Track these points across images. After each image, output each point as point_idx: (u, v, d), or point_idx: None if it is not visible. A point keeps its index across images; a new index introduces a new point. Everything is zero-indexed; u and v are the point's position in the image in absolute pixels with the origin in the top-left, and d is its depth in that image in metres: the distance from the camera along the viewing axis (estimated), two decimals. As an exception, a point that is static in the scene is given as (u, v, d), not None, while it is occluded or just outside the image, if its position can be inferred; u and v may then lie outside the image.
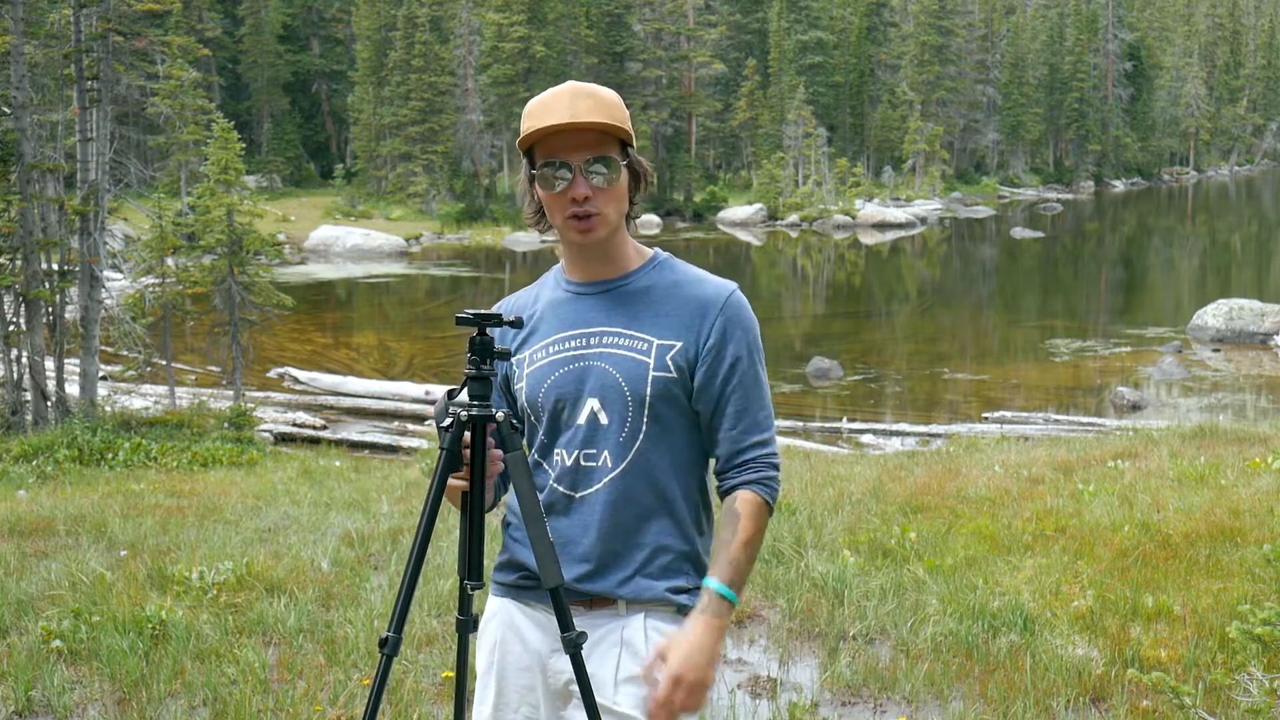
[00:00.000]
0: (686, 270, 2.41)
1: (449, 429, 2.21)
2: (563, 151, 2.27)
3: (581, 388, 2.33)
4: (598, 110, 2.25)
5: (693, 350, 2.33)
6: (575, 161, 2.26)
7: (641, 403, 2.31)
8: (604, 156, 2.26)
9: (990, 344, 28.62)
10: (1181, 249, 51.07)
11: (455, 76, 58.19)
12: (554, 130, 2.25)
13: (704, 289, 2.36)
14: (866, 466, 10.36)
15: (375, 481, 10.77)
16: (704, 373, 2.33)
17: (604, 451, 2.32)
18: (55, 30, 18.66)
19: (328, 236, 47.43)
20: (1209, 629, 4.93)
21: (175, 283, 21.27)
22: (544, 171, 2.28)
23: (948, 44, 72.47)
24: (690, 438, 2.38)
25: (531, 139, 2.29)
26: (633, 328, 2.34)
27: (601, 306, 2.37)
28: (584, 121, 2.23)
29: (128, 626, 5.06)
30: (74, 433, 14.76)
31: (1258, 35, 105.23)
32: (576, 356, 2.34)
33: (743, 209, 59.57)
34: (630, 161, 2.32)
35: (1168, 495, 7.64)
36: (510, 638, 2.42)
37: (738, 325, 2.35)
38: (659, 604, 2.36)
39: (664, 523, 2.35)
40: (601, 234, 2.31)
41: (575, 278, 2.41)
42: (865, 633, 5.13)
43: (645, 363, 2.31)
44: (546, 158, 2.28)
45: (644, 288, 2.37)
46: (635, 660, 2.34)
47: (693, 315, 2.33)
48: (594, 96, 2.27)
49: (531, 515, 2.19)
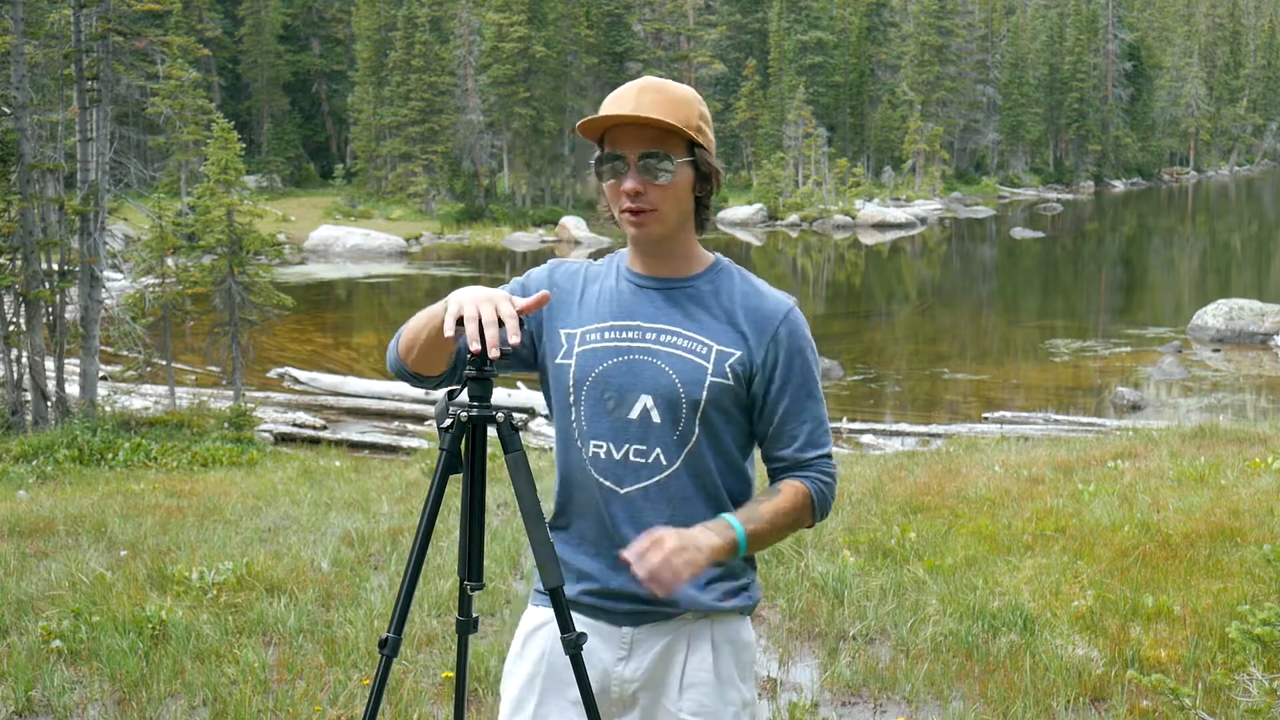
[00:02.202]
0: (749, 280, 2.39)
1: (449, 429, 2.21)
2: (621, 144, 2.25)
3: (635, 381, 2.30)
4: (661, 106, 2.23)
5: (751, 361, 2.31)
6: (630, 155, 2.25)
7: (696, 406, 2.29)
8: (661, 152, 2.24)
9: (990, 344, 28.62)
10: (1181, 249, 51.07)
11: (455, 76, 58.18)
12: (614, 122, 2.25)
13: (766, 301, 2.35)
14: (866, 466, 10.35)
15: (375, 481, 10.77)
16: (763, 386, 2.33)
17: (656, 449, 2.30)
18: (55, 30, 18.67)
19: (328, 236, 47.43)
20: (1209, 629, 4.93)
21: (175, 283, 21.28)
22: (606, 163, 2.28)
23: (948, 44, 72.45)
24: (740, 441, 2.37)
25: (599, 129, 2.28)
26: (692, 330, 2.31)
27: (662, 303, 2.34)
28: (641, 115, 2.21)
29: (128, 626, 5.06)
30: (74, 433, 14.76)
31: (1258, 35, 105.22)
32: (632, 348, 2.31)
33: (743, 209, 59.56)
34: (695, 160, 2.28)
35: (1168, 495, 7.63)
36: (561, 650, 2.32)
37: (799, 341, 2.34)
38: (726, 613, 2.37)
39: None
40: (655, 230, 2.29)
41: (638, 270, 2.38)
42: (865, 633, 5.12)
43: (704, 367, 2.29)
44: (609, 148, 2.27)
45: (707, 292, 2.35)
46: (704, 667, 2.34)
47: (754, 326, 2.32)
48: (662, 91, 2.26)
49: (532, 515, 2.18)
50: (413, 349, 2.31)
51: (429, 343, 2.27)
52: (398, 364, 2.39)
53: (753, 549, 2.26)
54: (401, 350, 2.35)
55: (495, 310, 2.10)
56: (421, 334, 2.27)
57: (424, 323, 2.27)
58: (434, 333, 2.24)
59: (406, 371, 2.38)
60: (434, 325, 2.24)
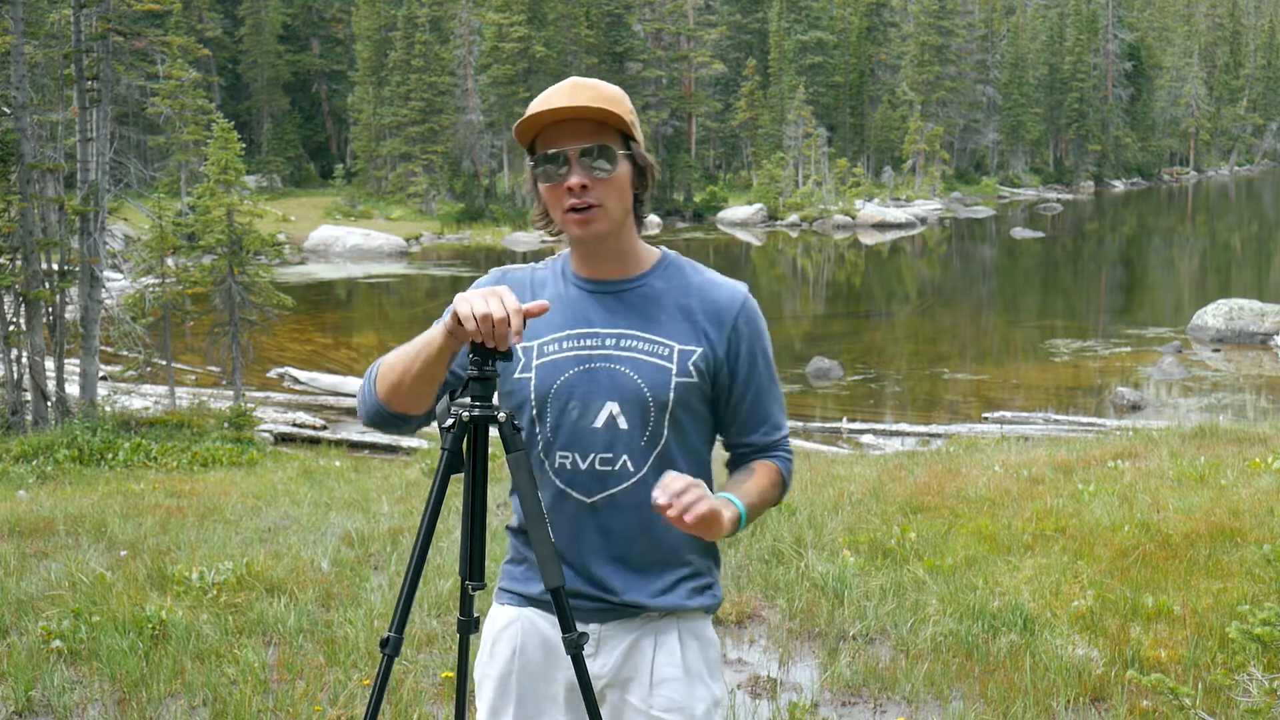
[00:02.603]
0: (701, 271, 2.39)
1: (450, 429, 2.20)
2: (559, 141, 2.22)
3: (598, 389, 2.28)
4: (596, 99, 2.20)
5: (714, 355, 2.31)
6: (570, 150, 2.22)
7: (664, 408, 2.28)
8: (602, 146, 2.22)
9: (990, 344, 28.62)
10: (1181, 249, 51.07)
11: (455, 76, 58.20)
12: (551, 119, 2.21)
13: (721, 292, 2.35)
14: (866, 466, 10.35)
15: (375, 481, 10.77)
16: (728, 378, 2.34)
17: (623, 456, 2.28)
18: (55, 30, 18.67)
19: (328, 236, 47.44)
20: (1209, 629, 4.93)
21: (175, 283, 21.28)
22: (543, 165, 2.24)
23: (948, 44, 72.47)
24: (706, 437, 2.38)
25: (531, 130, 2.24)
26: (651, 331, 2.30)
27: (617, 307, 2.31)
28: (579, 106, 2.19)
29: (128, 626, 5.06)
30: (74, 433, 14.76)
31: (1258, 35, 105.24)
32: (592, 356, 2.29)
33: (743, 209, 59.58)
34: (633, 154, 2.27)
35: (1168, 495, 7.63)
36: (532, 646, 2.38)
37: (755, 329, 2.37)
38: (691, 611, 2.37)
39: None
40: (601, 228, 2.25)
41: (585, 274, 2.34)
42: (865, 633, 5.12)
43: (668, 368, 2.28)
44: (545, 149, 2.24)
45: (661, 289, 2.33)
46: (672, 663, 2.34)
47: (712, 319, 2.32)
48: (593, 88, 2.23)
49: (533, 515, 2.17)
50: (399, 387, 2.22)
51: (421, 373, 2.18)
52: (376, 409, 2.28)
53: (749, 524, 2.29)
54: (383, 393, 2.25)
55: (502, 303, 2.08)
56: (415, 363, 2.18)
57: (415, 352, 2.19)
58: (430, 359, 2.16)
59: (388, 415, 2.27)
60: (430, 350, 2.16)
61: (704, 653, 2.39)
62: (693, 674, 2.36)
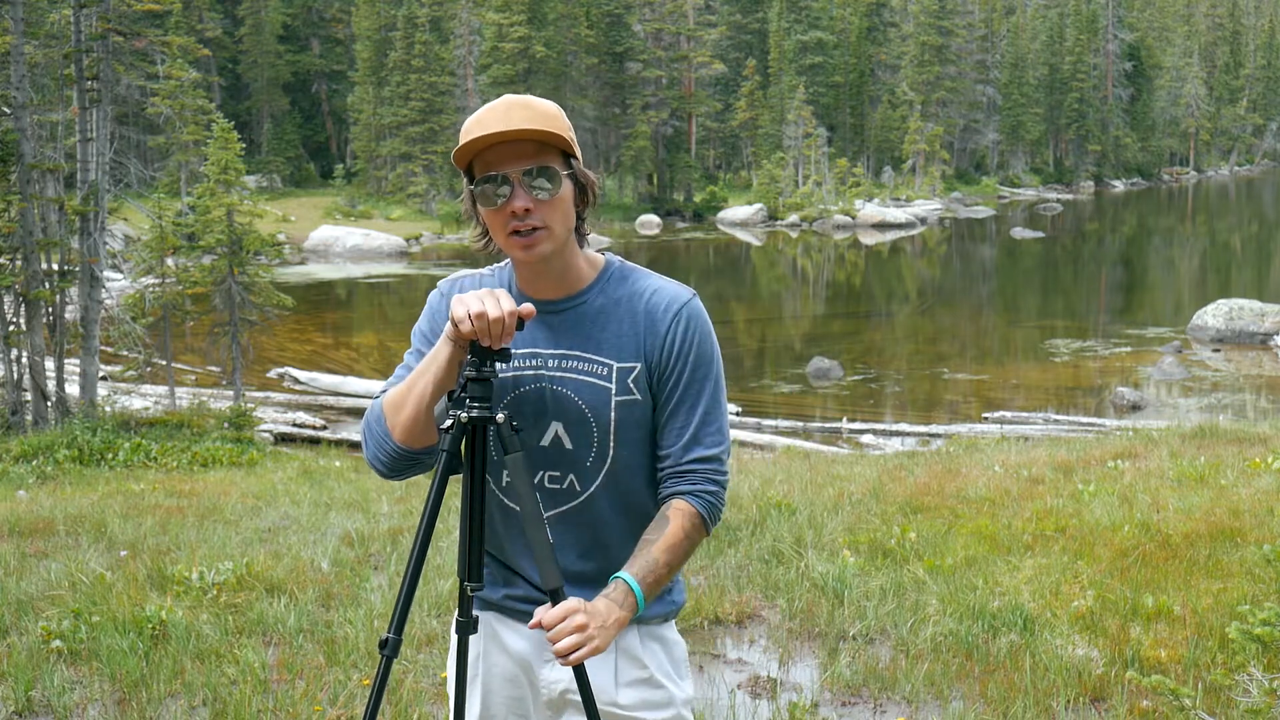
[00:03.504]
0: (641, 280, 2.33)
1: (449, 430, 2.21)
2: (500, 164, 2.17)
3: (543, 409, 2.28)
4: (534, 119, 2.17)
5: (649, 365, 2.28)
6: (513, 173, 2.17)
7: (607, 428, 2.28)
8: (544, 167, 2.18)
9: (990, 344, 28.62)
10: (1181, 249, 51.08)
11: (455, 76, 58.19)
12: (489, 142, 2.16)
13: (662, 298, 2.29)
14: (866, 466, 10.35)
15: (375, 481, 10.77)
16: (662, 385, 2.29)
17: (570, 475, 2.30)
18: (55, 30, 18.67)
19: (328, 237, 47.44)
20: (1209, 629, 4.93)
21: (175, 283, 21.28)
22: (482, 187, 2.19)
23: (948, 44, 72.47)
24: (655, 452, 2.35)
25: (468, 154, 2.19)
26: (589, 351, 2.28)
27: (560, 326, 2.30)
28: (519, 129, 2.15)
29: (128, 626, 5.06)
30: (74, 433, 14.76)
31: (1258, 35, 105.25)
32: (536, 377, 2.28)
33: (743, 209, 59.58)
34: (574, 172, 2.24)
35: (1168, 495, 7.63)
36: (493, 649, 2.41)
37: (692, 336, 2.29)
38: (650, 619, 2.39)
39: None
40: (546, 249, 2.21)
41: (530, 294, 2.31)
42: (865, 633, 5.13)
43: (607, 388, 2.27)
44: (484, 172, 2.19)
45: (600, 305, 2.30)
46: (634, 666, 2.36)
47: (648, 330, 2.28)
48: (530, 107, 2.19)
49: (531, 517, 2.18)
50: (416, 418, 2.21)
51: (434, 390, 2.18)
52: (397, 453, 2.24)
53: (653, 595, 2.20)
54: (401, 431, 2.22)
55: (498, 303, 2.10)
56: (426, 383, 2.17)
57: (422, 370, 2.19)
58: (441, 371, 2.16)
59: (410, 455, 2.25)
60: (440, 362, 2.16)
61: (669, 653, 2.41)
62: (662, 672, 2.38)
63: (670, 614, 2.42)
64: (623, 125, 60.38)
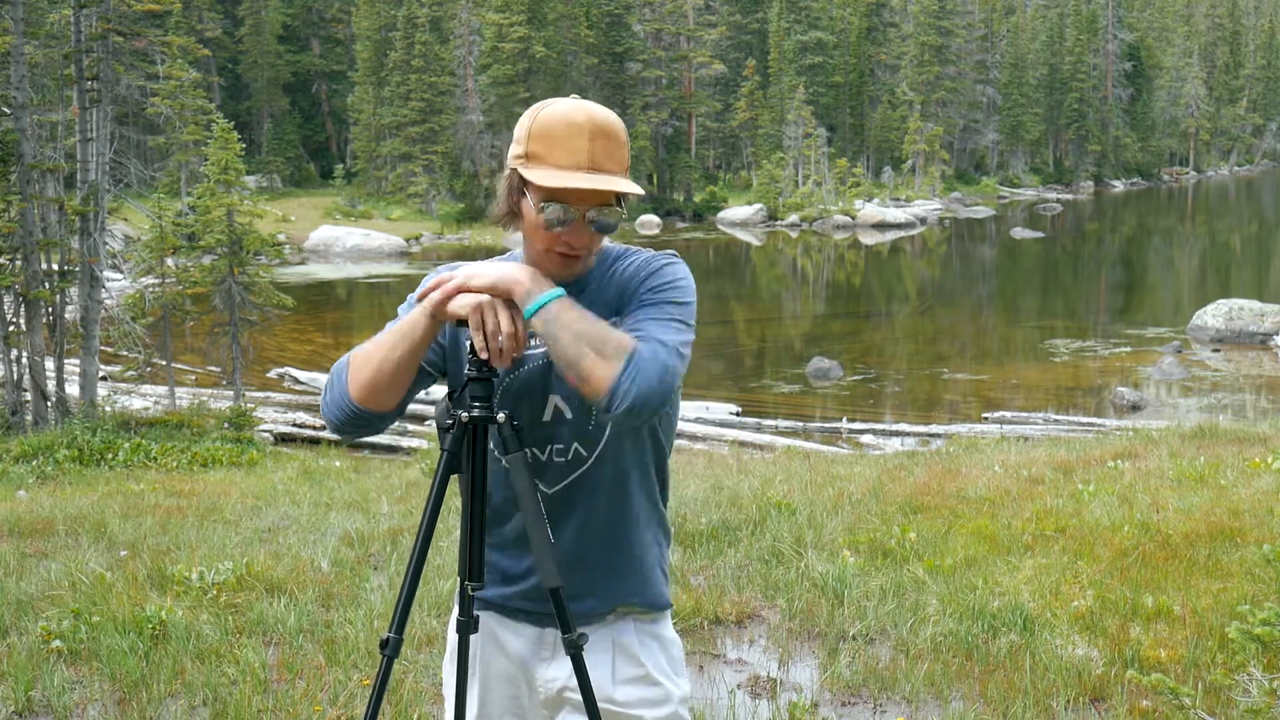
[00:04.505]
0: (629, 254, 2.34)
1: (450, 430, 2.21)
2: (574, 199, 2.16)
3: (543, 385, 2.30)
4: (614, 155, 2.17)
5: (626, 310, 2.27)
6: (583, 211, 2.17)
7: None
8: (610, 209, 2.18)
9: (990, 344, 28.63)
10: (1181, 249, 51.09)
11: (455, 76, 58.20)
12: (576, 188, 2.13)
13: (639, 258, 2.32)
14: (866, 466, 10.35)
15: (375, 481, 10.77)
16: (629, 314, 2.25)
17: (574, 444, 2.32)
18: (55, 30, 18.69)
19: (328, 237, 47.46)
20: (1209, 629, 4.93)
21: (175, 283, 21.29)
22: (547, 211, 2.17)
23: (948, 44, 72.50)
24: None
25: (547, 184, 2.15)
26: None
27: None
28: (605, 190, 2.13)
29: (128, 626, 5.06)
30: (74, 433, 14.76)
31: (1258, 35, 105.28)
32: (536, 355, 2.31)
33: (743, 209, 59.60)
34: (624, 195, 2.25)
35: (1167, 495, 7.63)
36: (491, 649, 2.43)
37: (658, 267, 2.28)
38: (644, 612, 2.40)
39: (644, 507, 2.37)
40: (579, 270, 2.26)
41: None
42: (865, 633, 5.12)
43: None
44: (553, 197, 2.16)
45: (596, 284, 2.32)
46: (631, 663, 2.37)
47: (627, 285, 2.28)
48: (609, 136, 2.17)
49: (533, 515, 2.18)
50: (377, 382, 2.22)
51: (403, 362, 2.20)
52: (350, 410, 2.25)
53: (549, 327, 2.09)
54: (359, 391, 2.23)
55: (510, 320, 2.13)
56: (396, 353, 2.19)
57: (394, 341, 2.20)
58: (415, 344, 2.19)
59: (362, 415, 2.25)
60: (414, 336, 2.19)
61: (665, 651, 2.42)
62: (659, 670, 2.39)
63: (654, 605, 2.41)
64: (623, 125, 60.41)
